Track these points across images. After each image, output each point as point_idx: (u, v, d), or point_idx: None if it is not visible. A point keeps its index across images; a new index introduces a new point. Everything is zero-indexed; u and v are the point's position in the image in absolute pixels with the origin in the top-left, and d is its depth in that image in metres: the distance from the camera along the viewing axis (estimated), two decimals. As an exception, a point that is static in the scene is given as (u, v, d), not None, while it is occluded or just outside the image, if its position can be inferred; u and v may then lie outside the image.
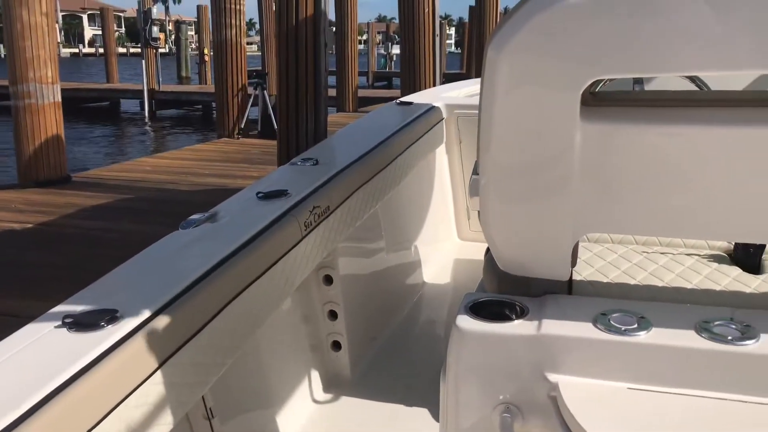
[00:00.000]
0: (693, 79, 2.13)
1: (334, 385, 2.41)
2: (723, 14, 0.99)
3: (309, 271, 2.00)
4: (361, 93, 16.27)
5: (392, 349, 2.68)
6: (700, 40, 1.01)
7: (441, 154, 3.64)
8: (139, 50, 18.49)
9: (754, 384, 1.10)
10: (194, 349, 1.40)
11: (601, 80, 1.17)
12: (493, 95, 1.13)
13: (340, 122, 8.78)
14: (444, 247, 3.61)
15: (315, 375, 2.38)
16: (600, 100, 1.18)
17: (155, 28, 17.51)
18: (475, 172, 1.25)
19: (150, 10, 17.04)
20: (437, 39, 7.54)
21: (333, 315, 2.45)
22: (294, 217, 1.91)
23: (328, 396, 2.33)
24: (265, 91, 11.20)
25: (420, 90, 5.95)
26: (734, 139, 1.10)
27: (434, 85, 7.84)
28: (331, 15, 15.23)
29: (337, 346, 2.47)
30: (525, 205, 1.21)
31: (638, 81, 2.43)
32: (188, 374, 1.38)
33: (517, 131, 1.15)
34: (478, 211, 1.26)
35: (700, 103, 1.16)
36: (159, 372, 1.28)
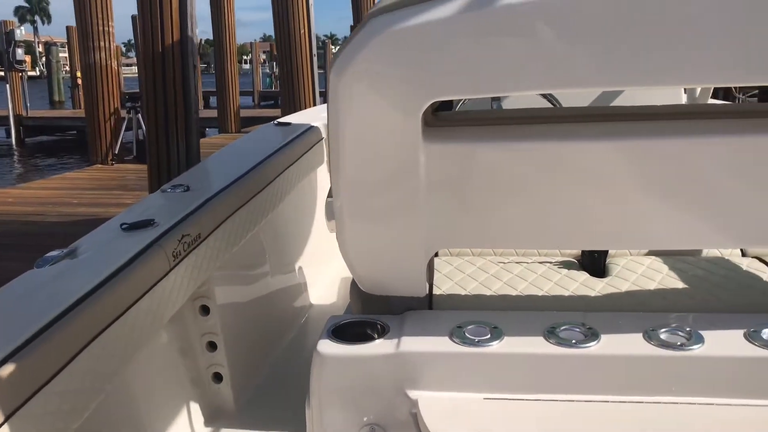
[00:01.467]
0: (546, 96, 2.21)
1: (217, 419, 2.30)
2: (561, 36, 1.02)
3: (182, 302, 1.90)
4: (246, 113, 16.05)
5: (278, 376, 2.60)
6: (536, 61, 1.04)
7: (323, 173, 3.61)
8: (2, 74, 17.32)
9: (598, 383, 1.14)
10: (48, 398, 1.28)
11: (444, 101, 1.18)
12: (338, 118, 1.12)
13: (220, 144, 8.55)
14: (330, 267, 3.58)
15: (196, 409, 2.26)
16: (442, 121, 1.19)
17: (19, 50, 16.45)
18: (330, 194, 1.24)
19: (12, 31, 15.98)
20: (314, 58, 7.53)
21: (212, 346, 2.35)
22: (161, 248, 1.81)
23: (210, 430, 2.21)
24: (139, 115, 10.81)
25: (300, 110, 5.92)
26: (576, 152, 1.14)
27: (314, 105, 7.86)
28: (209, 34, 14.96)
29: (218, 377, 2.36)
30: (377, 225, 1.21)
31: (495, 99, 2.50)
32: (45, 424, 1.26)
33: (364, 153, 1.15)
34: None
35: (542, 119, 1.20)
36: (6, 427, 1.16)
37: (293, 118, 3.88)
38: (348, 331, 1.27)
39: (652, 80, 1.05)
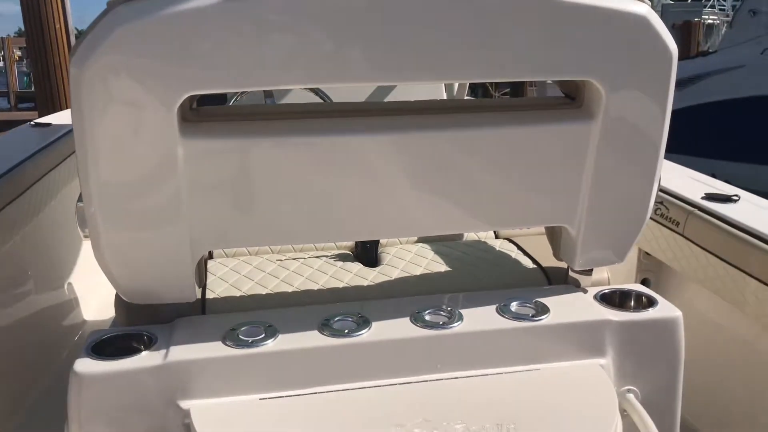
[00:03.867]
0: (314, 91, 2.23)
1: None
2: (321, 31, 1.02)
3: None
4: (2, 116, 14.34)
5: (48, 401, 2.35)
6: (296, 55, 1.03)
7: None
8: None
9: (371, 369, 1.18)
10: None
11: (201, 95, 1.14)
12: (82, 116, 1.03)
13: (-31, 152, 7.51)
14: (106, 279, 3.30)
15: None
16: (202, 116, 1.14)
17: None
18: (81, 199, 1.14)
19: None
20: (76, 54, 6.88)
21: None
22: None
23: None
24: None
25: (60, 110, 5.40)
26: (343, 146, 1.15)
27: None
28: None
29: None
30: (135, 230, 1.14)
31: (269, 95, 2.48)
32: None
33: (114, 153, 1.06)
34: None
35: (308, 114, 1.20)
36: None
37: (53, 119, 3.53)
38: (112, 346, 1.18)
39: (407, 76, 1.10)
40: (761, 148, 8.90)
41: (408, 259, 1.59)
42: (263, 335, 1.18)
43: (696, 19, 12.21)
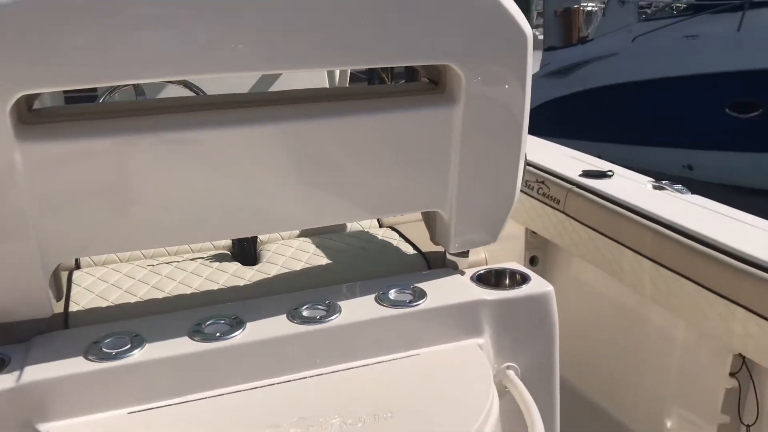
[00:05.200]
0: (187, 86, 2.14)
1: None
2: (165, 21, 0.96)
3: None
4: None
5: None
6: (141, 48, 0.97)
7: None
8: None
9: (246, 371, 1.13)
10: None
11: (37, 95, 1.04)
12: None
13: None
14: None
15: None
16: (42, 117, 1.06)
17: None
18: None
19: None
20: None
21: None
22: None
23: None
24: None
25: None
26: (208, 140, 1.09)
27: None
28: None
29: None
30: None
31: (141, 92, 2.36)
32: None
33: None
34: None
35: (166, 109, 1.13)
36: None
37: None
38: None
39: (264, 66, 1.06)
40: (637, 130, 9.46)
41: (289, 254, 1.55)
42: (129, 346, 1.12)
43: (576, 6, 12.75)
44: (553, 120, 10.63)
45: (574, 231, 2.08)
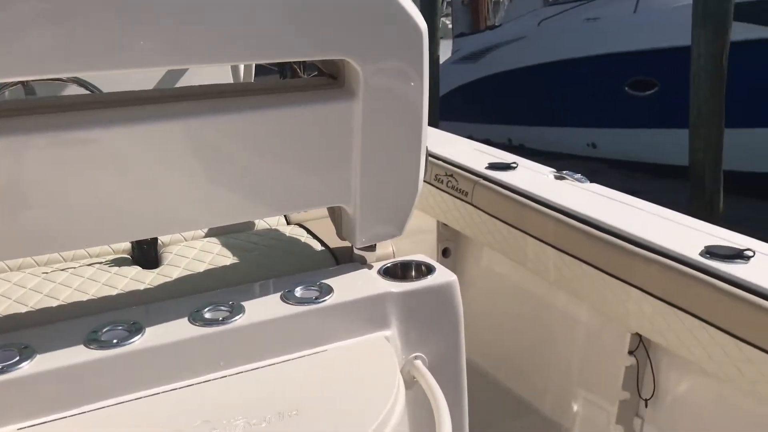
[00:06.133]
0: (81, 83, 2.05)
1: None
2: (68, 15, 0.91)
3: None
4: None
5: None
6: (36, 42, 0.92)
7: None
8: None
9: (146, 377, 1.10)
10: None
11: None
12: None
13: None
14: None
15: None
16: None
17: None
18: None
19: None
20: None
21: None
22: None
23: None
24: None
25: None
26: (104, 139, 1.05)
27: None
28: None
29: None
30: None
31: (31, 91, 2.24)
32: None
33: None
34: None
35: (53, 108, 1.07)
36: None
37: None
38: None
39: (155, 61, 1.03)
40: (545, 111, 9.78)
41: (192, 256, 1.52)
42: (17, 358, 1.06)
43: (482, -6, 13.01)
44: (465, 105, 10.84)
45: (482, 222, 2.13)
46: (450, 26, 12.17)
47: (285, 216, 1.82)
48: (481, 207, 2.12)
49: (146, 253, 1.52)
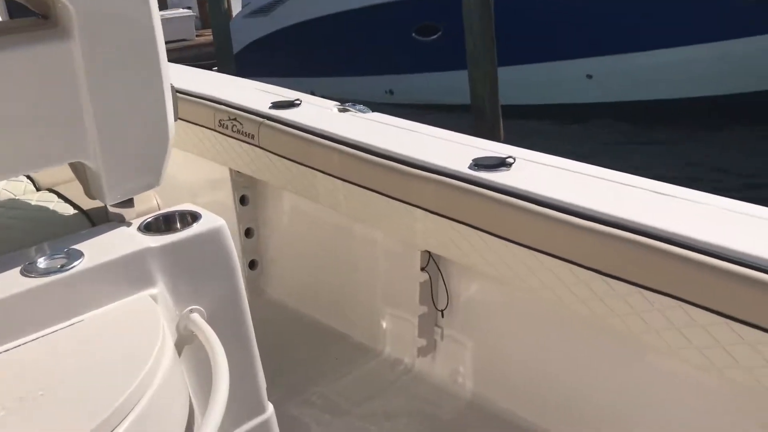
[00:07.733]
0: None
1: None
2: None
3: None
4: None
5: None
6: None
7: None
8: None
9: None
10: None
11: None
12: None
13: None
14: None
15: None
16: None
17: None
18: None
19: None
20: None
21: None
22: None
23: None
24: None
25: None
26: None
27: None
28: None
29: None
30: None
31: None
32: None
33: None
34: None
35: None
36: None
37: None
38: None
39: None
40: (342, 62, 9.91)
41: None
42: None
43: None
44: (262, 59, 10.64)
45: (271, 163, 2.11)
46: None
47: (32, 181, 1.64)
48: (269, 148, 2.10)
49: None
